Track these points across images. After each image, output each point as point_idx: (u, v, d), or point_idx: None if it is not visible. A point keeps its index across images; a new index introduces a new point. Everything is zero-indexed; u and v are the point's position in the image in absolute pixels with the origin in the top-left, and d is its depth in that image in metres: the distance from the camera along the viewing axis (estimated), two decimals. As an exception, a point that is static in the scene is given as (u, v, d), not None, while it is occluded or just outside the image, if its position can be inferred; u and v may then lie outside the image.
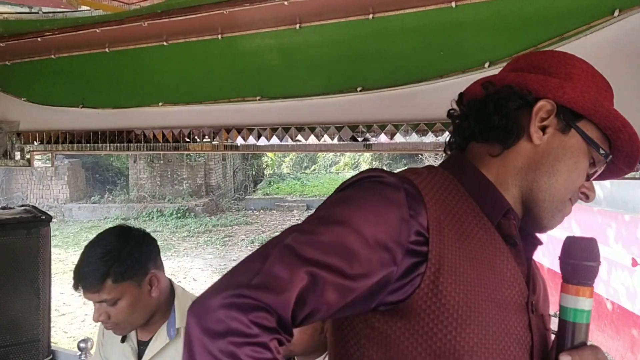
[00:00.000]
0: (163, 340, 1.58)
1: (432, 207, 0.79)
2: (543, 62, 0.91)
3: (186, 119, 1.92)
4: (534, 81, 0.86)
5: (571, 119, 0.86)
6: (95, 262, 1.48)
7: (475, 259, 0.80)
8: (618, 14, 1.24)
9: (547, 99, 0.85)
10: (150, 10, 1.68)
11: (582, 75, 0.88)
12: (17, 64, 2.25)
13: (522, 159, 0.88)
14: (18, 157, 2.37)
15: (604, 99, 0.88)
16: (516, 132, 0.86)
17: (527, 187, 0.88)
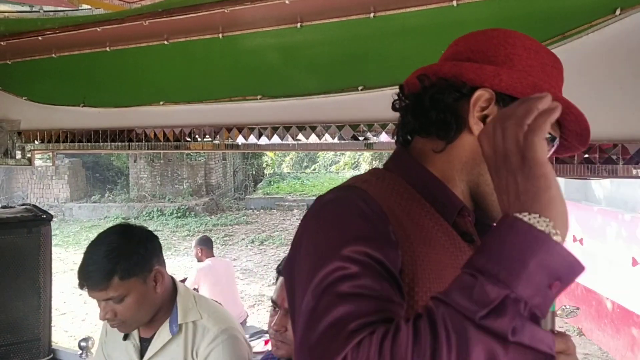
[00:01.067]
0: (165, 336, 1.59)
1: (392, 215, 0.76)
2: (482, 44, 0.86)
3: (187, 118, 1.92)
4: (468, 70, 0.82)
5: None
6: (100, 261, 1.48)
7: (441, 264, 0.77)
8: (620, 13, 1.24)
9: (484, 88, 0.81)
10: (151, 9, 1.68)
11: (524, 54, 0.84)
12: (18, 63, 2.25)
13: (466, 152, 0.85)
14: (19, 156, 2.37)
15: (546, 80, 0.84)
16: (456, 126, 0.83)
17: (473, 181, 0.85)
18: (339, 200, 0.78)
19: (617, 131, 1.27)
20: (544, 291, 0.57)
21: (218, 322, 1.58)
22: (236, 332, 1.58)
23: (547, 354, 0.57)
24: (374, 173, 0.88)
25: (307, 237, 0.77)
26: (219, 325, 1.56)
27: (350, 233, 0.71)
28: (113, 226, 1.64)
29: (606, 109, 1.28)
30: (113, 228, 1.62)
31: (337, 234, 0.72)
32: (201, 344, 1.55)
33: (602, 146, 1.28)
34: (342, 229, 0.73)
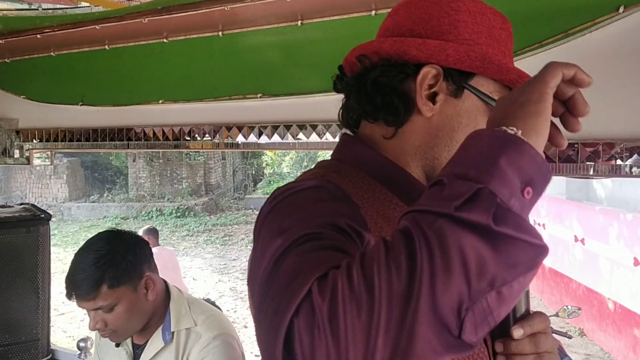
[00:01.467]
0: (158, 344, 1.54)
1: (362, 205, 0.71)
2: (423, 12, 0.79)
3: (186, 117, 1.91)
4: (411, 47, 0.76)
5: (462, 79, 0.77)
6: (88, 269, 1.42)
7: None
8: (623, 11, 1.23)
9: (430, 65, 0.76)
10: (151, 6, 1.67)
11: (469, 19, 0.78)
12: (16, 61, 2.24)
13: (418, 135, 0.79)
14: (17, 155, 2.36)
15: (495, 45, 0.78)
16: (404, 109, 0.77)
17: (429, 165, 0.80)
18: (306, 188, 0.69)
19: (620, 130, 1.26)
20: (519, 195, 0.51)
21: (212, 328, 1.53)
22: (230, 338, 1.53)
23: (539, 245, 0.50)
24: (326, 166, 0.80)
25: (267, 224, 0.66)
26: (212, 332, 1.51)
27: (326, 211, 0.64)
28: (101, 232, 1.58)
29: (609, 108, 1.27)
30: (101, 234, 1.56)
31: (308, 213, 0.63)
32: (192, 351, 1.51)
33: (605, 145, 1.27)
34: (317, 207, 0.65)
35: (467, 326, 0.48)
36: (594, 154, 1.28)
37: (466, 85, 0.77)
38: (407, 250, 0.49)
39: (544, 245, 0.51)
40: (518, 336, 0.68)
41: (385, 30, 0.84)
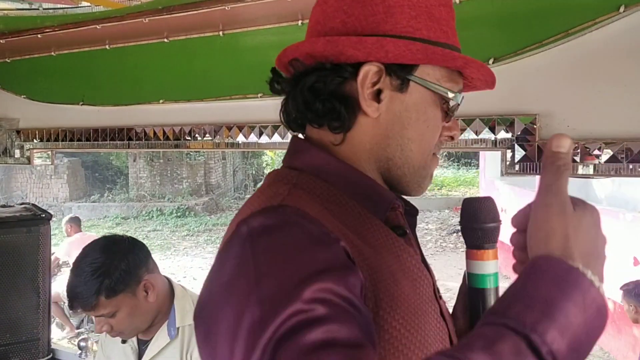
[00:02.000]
0: (164, 340, 1.58)
1: (337, 230, 0.64)
2: (354, 1, 0.72)
3: (187, 117, 1.91)
4: (347, 46, 0.70)
5: (406, 72, 0.72)
6: (85, 282, 1.48)
7: (392, 268, 0.68)
8: (624, 10, 1.23)
9: (370, 62, 0.70)
10: (151, 6, 1.67)
11: (405, 2, 0.71)
12: (17, 61, 2.24)
13: (368, 138, 0.74)
14: (18, 155, 2.36)
15: (436, 28, 0.72)
16: (348, 114, 0.72)
17: (384, 167, 0.75)
18: (278, 226, 0.61)
19: (621, 129, 1.26)
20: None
21: None
22: None
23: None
24: (285, 180, 0.72)
25: (244, 279, 0.57)
26: None
27: (308, 266, 0.56)
28: (95, 241, 1.62)
29: (610, 107, 1.27)
30: (95, 243, 1.60)
31: (291, 269, 0.56)
32: (196, 347, 1.53)
33: (606, 145, 1.27)
34: (295, 262, 0.57)
35: None
36: (594, 154, 1.28)
37: (411, 77, 0.72)
38: None
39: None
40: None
41: (316, 23, 0.77)
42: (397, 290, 0.66)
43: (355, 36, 0.70)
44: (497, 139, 1.38)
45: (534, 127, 1.33)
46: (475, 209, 0.77)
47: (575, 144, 1.29)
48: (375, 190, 0.74)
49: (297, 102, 0.74)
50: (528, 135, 1.33)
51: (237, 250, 0.61)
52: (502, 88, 1.39)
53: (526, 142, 1.34)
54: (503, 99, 1.36)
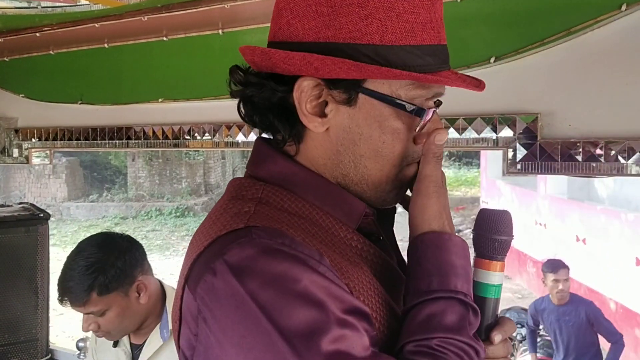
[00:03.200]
0: (157, 342, 1.55)
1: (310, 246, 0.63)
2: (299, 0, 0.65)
3: (186, 116, 1.90)
4: (278, 60, 0.65)
5: (352, 85, 0.65)
6: (78, 276, 1.44)
7: (372, 282, 0.67)
8: (625, 9, 1.22)
9: (304, 77, 0.65)
10: (150, 4, 1.67)
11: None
12: (15, 60, 2.23)
13: (320, 152, 0.69)
14: (16, 154, 2.35)
15: (396, 25, 0.63)
16: (289, 128, 0.67)
17: (342, 181, 0.70)
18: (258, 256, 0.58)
19: (622, 129, 1.25)
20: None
21: None
22: None
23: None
24: (249, 195, 0.68)
25: (254, 325, 0.56)
26: None
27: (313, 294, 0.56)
28: (93, 236, 1.59)
29: (612, 106, 1.26)
30: (92, 239, 1.57)
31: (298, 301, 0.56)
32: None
33: (608, 144, 1.26)
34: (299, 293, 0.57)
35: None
36: (596, 153, 1.27)
37: (359, 89, 0.65)
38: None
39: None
40: (498, 341, 0.70)
41: (272, 18, 0.71)
42: (379, 298, 0.67)
43: (293, 47, 0.65)
44: (499, 138, 1.37)
45: (535, 126, 1.32)
46: (494, 220, 0.78)
47: (576, 142, 1.29)
48: (345, 200, 0.70)
49: (240, 112, 0.72)
50: (530, 135, 1.33)
51: (227, 294, 0.58)
52: (504, 87, 1.39)
53: (528, 142, 1.33)
54: (504, 98, 1.35)
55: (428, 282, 0.65)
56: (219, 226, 0.63)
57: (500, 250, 0.77)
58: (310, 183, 0.69)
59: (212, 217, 0.68)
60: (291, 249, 0.59)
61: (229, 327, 0.57)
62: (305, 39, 0.65)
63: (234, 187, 0.72)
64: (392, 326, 0.67)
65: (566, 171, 1.32)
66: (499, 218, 0.77)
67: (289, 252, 0.59)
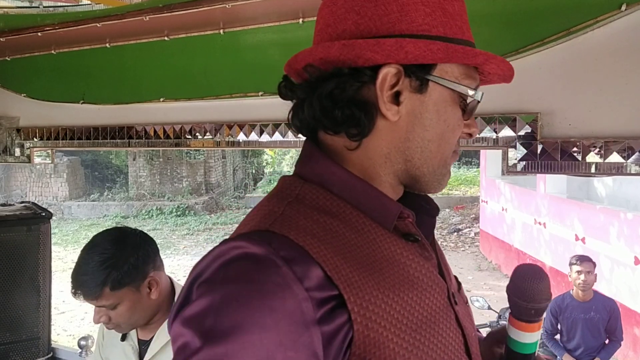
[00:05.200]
0: (164, 338, 1.58)
1: (324, 256, 0.63)
2: (366, 1, 0.70)
3: (187, 115, 1.91)
4: (364, 50, 0.67)
5: (425, 72, 0.70)
6: (92, 271, 1.47)
7: (394, 286, 0.67)
8: (625, 9, 1.22)
9: (388, 64, 0.68)
10: (152, 4, 1.67)
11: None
12: (16, 59, 2.23)
13: (386, 142, 0.72)
14: (18, 154, 2.36)
15: (451, 24, 0.70)
16: (367, 120, 0.70)
17: (401, 169, 0.74)
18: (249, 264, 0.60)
19: (623, 128, 1.25)
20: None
21: None
22: None
23: None
24: (291, 191, 0.72)
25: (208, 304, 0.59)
26: None
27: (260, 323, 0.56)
28: (107, 230, 1.61)
29: (612, 106, 1.26)
30: (107, 233, 1.59)
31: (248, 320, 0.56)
32: None
33: (608, 143, 1.26)
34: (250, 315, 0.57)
35: None
36: (595, 152, 1.28)
37: (430, 77, 0.70)
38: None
39: None
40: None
41: (326, 26, 0.73)
42: (398, 304, 0.66)
43: (371, 38, 0.68)
44: (499, 137, 1.37)
45: (535, 126, 1.32)
46: (533, 290, 0.78)
47: (576, 142, 1.30)
48: (381, 201, 0.72)
49: (313, 110, 0.71)
50: (529, 134, 1.33)
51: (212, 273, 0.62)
52: (504, 86, 1.39)
53: (528, 141, 1.33)
54: (504, 97, 1.35)
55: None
56: (254, 221, 0.68)
57: (539, 314, 0.78)
58: (347, 182, 0.72)
59: (252, 212, 0.74)
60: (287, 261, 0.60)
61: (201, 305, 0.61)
62: (378, 33, 0.69)
63: (279, 183, 0.76)
64: (408, 334, 0.66)
65: (566, 170, 1.32)
66: (540, 287, 0.78)
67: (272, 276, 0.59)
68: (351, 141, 0.72)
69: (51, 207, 13.85)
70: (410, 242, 0.73)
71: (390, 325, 0.64)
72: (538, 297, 0.77)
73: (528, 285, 0.78)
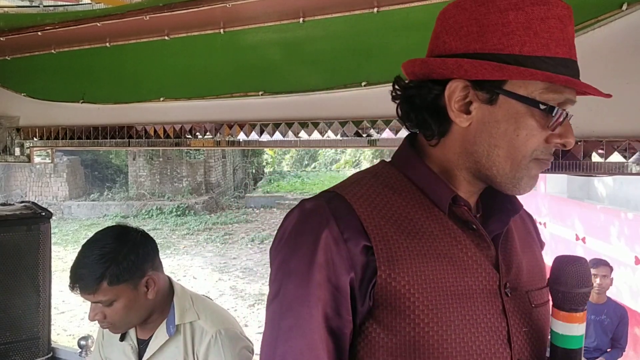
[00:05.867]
0: (163, 338, 1.58)
1: (365, 212, 0.80)
2: (454, 22, 0.82)
3: (188, 115, 1.91)
4: (435, 66, 0.82)
5: (494, 86, 0.79)
6: (91, 264, 1.47)
7: (428, 254, 0.79)
8: (626, 8, 1.22)
9: (456, 79, 0.80)
10: (152, 3, 1.67)
11: (500, 20, 0.77)
12: (17, 59, 2.23)
13: (458, 143, 0.84)
14: (18, 153, 2.36)
15: (535, 42, 0.76)
16: (438, 124, 0.83)
17: (473, 168, 0.84)
18: (306, 215, 0.82)
19: (624, 128, 1.25)
20: None
21: (215, 323, 1.56)
22: (234, 331, 1.57)
23: None
24: (375, 169, 0.90)
25: (278, 248, 0.84)
26: (216, 327, 1.55)
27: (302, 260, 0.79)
28: (109, 227, 1.62)
29: (612, 105, 1.25)
30: (109, 230, 1.60)
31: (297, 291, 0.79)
32: (201, 347, 1.54)
33: (608, 143, 1.26)
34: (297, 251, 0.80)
35: None
36: (596, 152, 1.27)
37: (499, 91, 0.79)
38: None
39: None
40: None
41: (431, 41, 0.88)
42: (420, 273, 0.78)
43: (450, 57, 0.80)
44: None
45: (536, 125, 1.32)
46: (575, 273, 0.79)
47: (577, 141, 1.30)
48: (438, 186, 0.85)
49: (399, 112, 0.88)
50: (530, 134, 1.33)
51: (284, 222, 0.85)
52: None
53: (528, 140, 1.33)
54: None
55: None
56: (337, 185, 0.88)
57: (582, 301, 0.78)
58: (417, 169, 0.87)
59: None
60: (333, 211, 0.80)
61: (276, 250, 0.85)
62: (457, 51, 0.81)
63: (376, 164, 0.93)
64: (427, 295, 0.77)
65: (566, 170, 1.32)
66: (579, 270, 0.79)
67: (324, 214, 0.80)
68: (428, 140, 0.86)
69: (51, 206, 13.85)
70: (467, 230, 0.84)
71: (414, 282, 0.77)
72: (580, 281, 0.78)
73: (570, 269, 0.79)
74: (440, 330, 0.77)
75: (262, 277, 9.23)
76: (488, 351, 0.79)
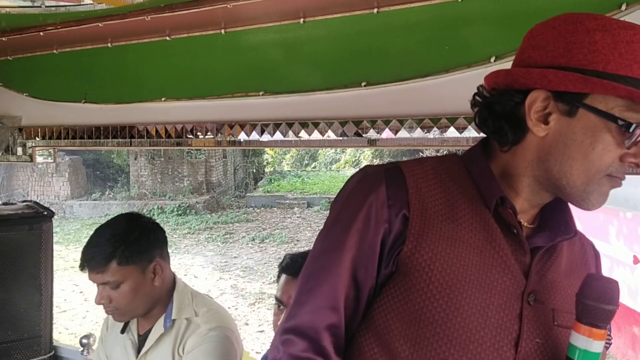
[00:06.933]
0: (159, 331, 1.60)
1: (415, 187, 0.86)
2: (540, 39, 0.85)
3: (189, 115, 1.91)
4: (518, 76, 0.84)
5: (575, 99, 0.81)
6: (102, 244, 1.52)
7: (459, 240, 0.84)
8: (625, 8, 1.23)
9: (538, 90, 0.83)
10: (154, 4, 1.67)
11: (586, 39, 0.79)
12: (19, 59, 2.24)
13: (531, 151, 0.86)
14: (20, 153, 2.36)
15: (618, 62, 0.78)
16: (514, 132, 0.86)
17: (543, 176, 0.86)
18: (366, 177, 0.91)
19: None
20: None
21: (211, 320, 1.58)
22: (228, 331, 1.58)
23: None
24: (443, 156, 0.96)
25: (336, 201, 0.94)
26: (210, 324, 1.56)
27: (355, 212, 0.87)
28: (124, 213, 1.68)
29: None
30: (123, 215, 1.66)
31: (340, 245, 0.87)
32: (189, 340, 1.56)
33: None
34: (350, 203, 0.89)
35: None
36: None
37: (580, 104, 0.80)
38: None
39: None
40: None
41: (517, 55, 0.91)
42: (444, 254, 0.83)
43: (534, 67, 0.83)
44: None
45: (535, 125, 1.33)
46: (606, 290, 0.79)
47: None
48: (489, 184, 0.89)
49: (479, 119, 0.91)
50: (529, 134, 1.33)
51: (354, 176, 0.94)
52: (504, 86, 1.40)
53: (527, 140, 1.34)
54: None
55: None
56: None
57: (606, 318, 0.78)
58: (478, 165, 0.91)
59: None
60: (388, 177, 0.88)
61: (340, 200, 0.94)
62: (541, 64, 0.83)
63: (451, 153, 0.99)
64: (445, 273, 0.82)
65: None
66: (609, 287, 0.79)
67: (379, 179, 0.88)
68: (500, 146, 0.89)
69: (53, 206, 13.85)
70: (508, 233, 0.86)
71: (435, 260, 0.82)
72: (604, 297, 0.78)
73: (597, 284, 0.79)
74: (447, 310, 0.80)
75: (263, 276, 9.24)
76: (491, 346, 0.80)
